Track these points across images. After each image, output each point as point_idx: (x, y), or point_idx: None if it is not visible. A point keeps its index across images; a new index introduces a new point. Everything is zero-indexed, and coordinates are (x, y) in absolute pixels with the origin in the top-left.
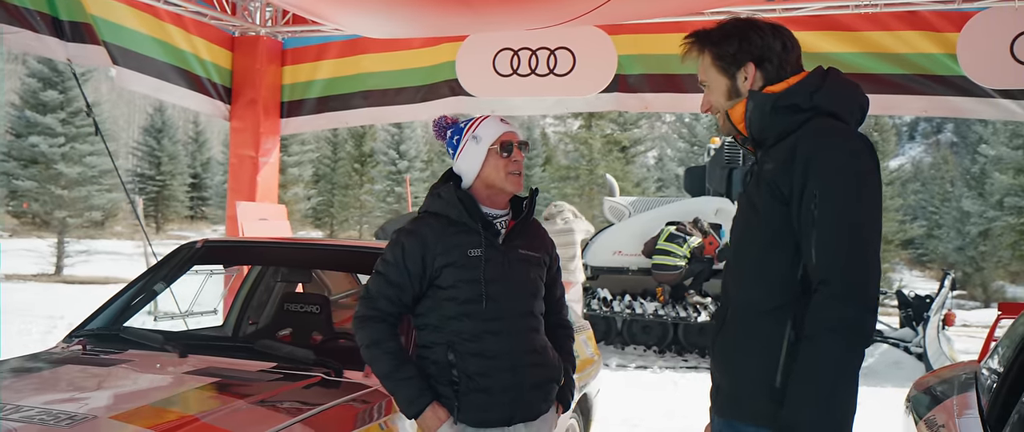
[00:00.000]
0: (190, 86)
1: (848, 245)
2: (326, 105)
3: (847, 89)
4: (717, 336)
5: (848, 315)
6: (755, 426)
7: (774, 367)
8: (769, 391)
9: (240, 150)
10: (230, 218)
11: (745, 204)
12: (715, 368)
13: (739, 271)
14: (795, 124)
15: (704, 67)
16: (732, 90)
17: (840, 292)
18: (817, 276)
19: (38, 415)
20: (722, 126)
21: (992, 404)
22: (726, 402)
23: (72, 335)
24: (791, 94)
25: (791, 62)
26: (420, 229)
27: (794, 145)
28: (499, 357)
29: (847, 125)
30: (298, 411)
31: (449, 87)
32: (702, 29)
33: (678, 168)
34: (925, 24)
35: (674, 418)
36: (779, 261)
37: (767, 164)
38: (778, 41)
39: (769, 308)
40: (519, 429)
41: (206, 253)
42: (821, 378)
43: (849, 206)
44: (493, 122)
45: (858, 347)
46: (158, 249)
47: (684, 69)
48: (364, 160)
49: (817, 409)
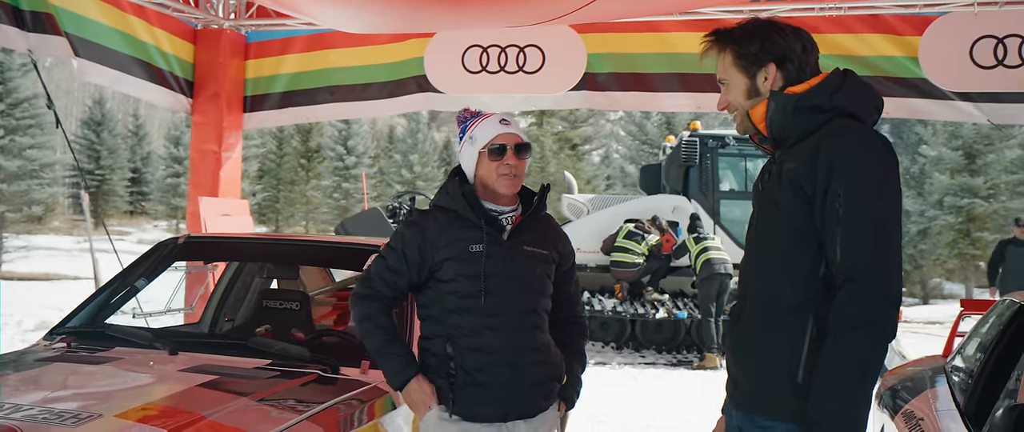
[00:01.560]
0: (151, 79)
1: (873, 243)
2: (291, 100)
3: (864, 90)
4: (734, 331)
5: (874, 312)
6: (776, 421)
7: (796, 363)
8: (791, 386)
9: (202, 145)
10: (192, 214)
11: (765, 202)
12: (732, 363)
13: (760, 267)
14: (816, 124)
15: (724, 66)
16: (752, 89)
17: (866, 289)
18: (842, 274)
19: (41, 414)
20: (739, 124)
21: (969, 399)
22: (744, 397)
23: (54, 332)
24: (813, 95)
25: (810, 64)
26: (425, 221)
27: (817, 145)
28: (497, 353)
29: (866, 125)
30: (303, 408)
31: (417, 83)
32: (723, 28)
33: (629, 166)
34: (888, 28)
35: (639, 414)
36: (801, 258)
37: (788, 163)
38: (798, 43)
39: (792, 304)
40: (518, 426)
41: (187, 249)
42: (847, 373)
43: (873, 205)
44: (491, 123)
45: (883, 343)
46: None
47: (652, 68)
48: (311, 155)
49: (843, 404)
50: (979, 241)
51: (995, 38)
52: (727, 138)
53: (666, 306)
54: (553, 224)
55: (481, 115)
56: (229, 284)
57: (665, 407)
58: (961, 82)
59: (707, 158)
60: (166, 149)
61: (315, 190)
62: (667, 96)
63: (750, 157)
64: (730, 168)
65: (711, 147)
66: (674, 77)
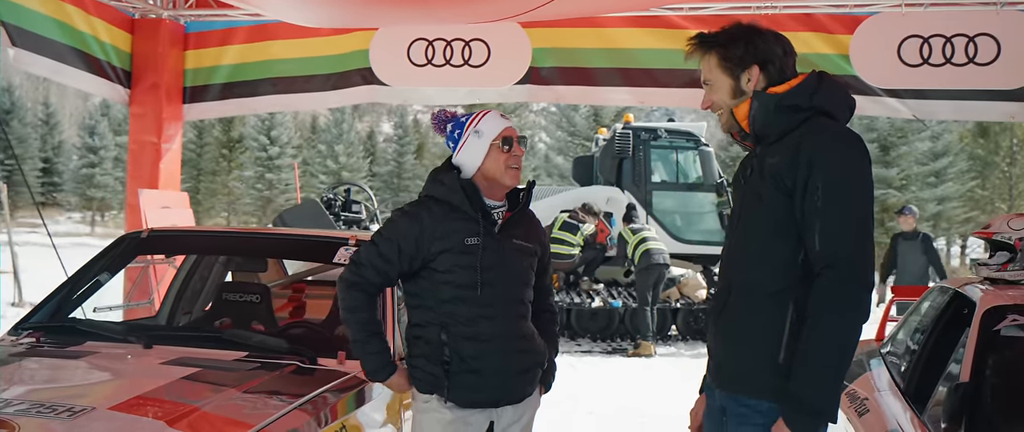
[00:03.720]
0: (89, 69)
1: (848, 233)
2: (232, 91)
3: (839, 91)
4: (719, 317)
5: (850, 296)
6: (759, 399)
7: (777, 345)
8: (773, 367)
9: (141, 136)
10: (131, 206)
11: (748, 195)
12: (717, 346)
13: (743, 256)
14: (795, 122)
15: (709, 67)
16: (736, 90)
17: (843, 276)
18: (821, 261)
19: (33, 408)
20: (724, 123)
21: (909, 380)
22: (729, 378)
23: (20, 327)
24: (793, 95)
25: (789, 66)
26: (420, 212)
27: (798, 142)
28: (491, 341)
29: (841, 123)
30: (291, 398)
31: (362, 75)
32: (708, 32)
33: (557, 157)
34: (820, 26)
35: (578, 400)
36: (782, 247)
37: (770, 158)
38: (779, 46)
39: (773, 291)
40: (506, 411)
41: (150, 243)
42: (826, 354)
43: (848, 198)
44: (494, 118)
45: (858, 325)
46: (16, 237)
47: (594, 62)
48: (232, 146)
49: (822, 382)
50: (892, 230)
51: (921, 37)
52: (659, 131)
53: (601, 295)
54: (535, 219)
55: (476, 112)
56: (186, 278)
57: (603, 394)
58: (889, 79)
59: (640, 150)
60: (81, 138)
61: (237, 181)
62: (609, 90)
63: (681, 149)
64: (661, 160)
65: (644, 139)
66: (616, 72)
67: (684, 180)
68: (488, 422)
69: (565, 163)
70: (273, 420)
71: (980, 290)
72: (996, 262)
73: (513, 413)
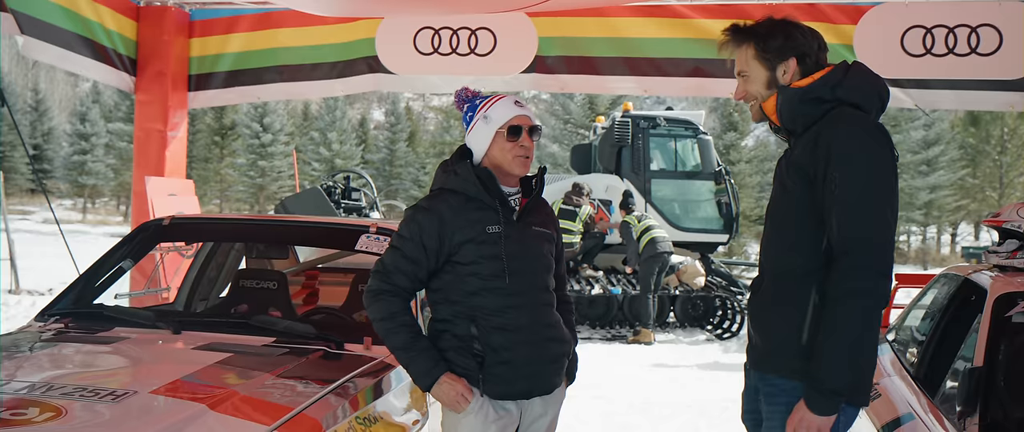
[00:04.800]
0: (96, 57)
1: (864, 220)
2: (237, 79)
3: (867, 81)
4: (754, 299)
5: (869, 281)
6: (783, 378)
7: (801, 327)
8: (797, 348)
9: (147, 124)
10: (138, 193)
11: (779, 186)
12: (752, 328)
13: (774, 243)
14: (820, 114)
15: (745, 58)
16: (771, 81)
17: (859, 261)
18: (841, 247)
19: (77, 392)
20: (755, 114)
21: (919, 365)
22: (760, 357)
23: (46, 313)
24: (814, 88)
25: (823, 60)
26: (437, 206)
27: (817, 133)
28: (521, 331)
29: (866, 114)
30: (324, 382)
31: (367, 64)
32: (745, 24)
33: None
34: (823, 16)
35: (581, 387)
36: (808, 235)
37: (796, 150)
38: (815, 41)
39: (800, 275)
40: (535, 403)
41: (172, 230)
42: (847, 335)
43: (863, 186)
44: (506, 104)
45: (877, 308)
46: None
47: (600, 51)
48: (225, 133)
49: (843, 362)
50: None
51: (924, 28)
52: (658, 119)
53: (601, 282)
54: (548, 205)
55: (492, 95)
56: (203, 265)
57: (607, 380)
58: (892, 69)
59: (639, 138)
60: (71, 125)
61: (230, 168)
62: (614, 79)
63: (679, 137)
64: (660, 148)
65: (643, 128)
66: (620, 61)
67: (682, 168)
68: (520, 413)
69: (560, 151)
70: (310, 403)
71: (989, 277)
72: (1006, 250)
73: (541, 406)
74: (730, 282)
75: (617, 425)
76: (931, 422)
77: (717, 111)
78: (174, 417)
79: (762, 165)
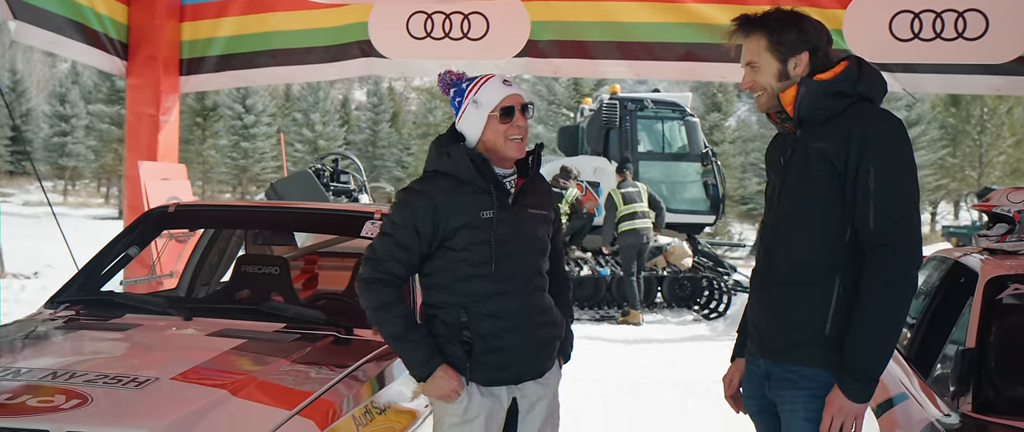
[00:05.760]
0: (87, 41)
1: (901, 212)
2: (229, 63)
3: (876, 76)
4: (765, 291)
5: (906, 271)
6: (808, 367)
7: (825, 317)
8: (821, 338)
9: (139, 108)
10: (131, 178)
11: (796, 176)
12: (763, 318)
13: (792, 235)
14: (841, 107)
15: (756, 49)
16: (783, 73)
17: (900, 254)
18: (877, 240)
19: (99, 379)
20: (763, 103)
21: (911, 345)
22: (776, 348)
23: (56, 301)
24: (839, 82)
25: (830, 54)
26: (429, 190)
27: (848, 127)
28: (511, 317)
29: (883, 108)
30: (339, 368)
31: (360, 48)
32: (755, 14)
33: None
34: (813, 1)
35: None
36: (833, 226)
37: (816, 142)
38: (824, 35)
39: (824, 266)
40: (529, 386)
41: (177, 217)
42: (885, 325)
43: (899, 179)
44: (495, 85)
45: (911, 297)
46: None
47: (592, 36)
48: (206, 114)
49: (881, 351)
50: None
51: (912, 12)
52: (646, 101)
53: (589, 263)
54: (545, 182)
55: (478, 77)
56: (205, 252)
57: (596, 360)
58: (881, 53)
59: (627, 120)
60: (51, 107)
61: (212, 149)
62: (606, 63)
63: (667, 120)
64: (647, 130)
65: (631, 109)
66: (613, 45)
67: (670, 150)
68: (511, 398)
69: (546, 133)
70: (327, 389)
71: (980, 260)
72: (995, 233)
73: (537, 389)
74: (717, 263)
75: (607, 405)
76: (924, 401)
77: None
78: (197, 403)
79: (745, 145)
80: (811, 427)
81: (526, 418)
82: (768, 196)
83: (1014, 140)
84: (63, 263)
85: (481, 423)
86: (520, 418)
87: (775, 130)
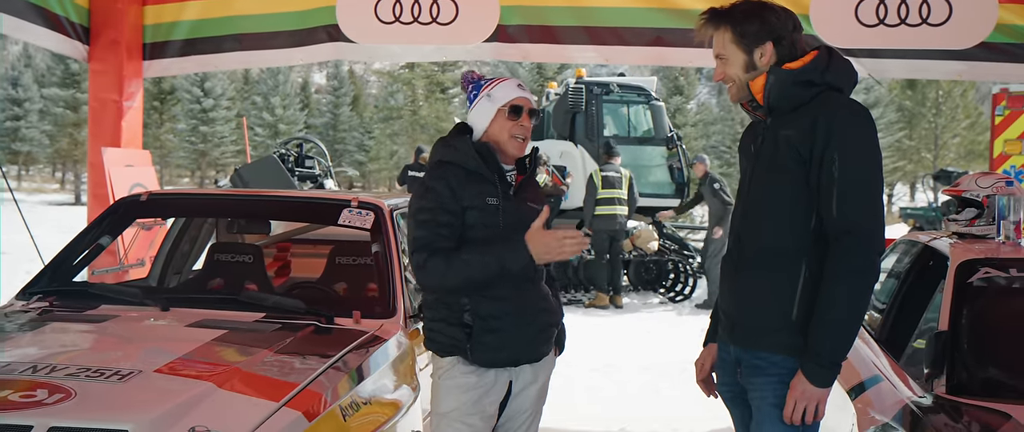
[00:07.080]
0: (48, 25)
1: (864, 201)
2: (194, 48)
3: (846, 66)
4: (734, 278)
5: (868, 259)
6: (773, 353)
7: (791, 303)
8: (787, 324)
9: (101, 94)
10: (93, 165)
11: (765, 164)
12: (732, 304)
13: (759, 222)
14: (809, 96)
15: (723, 42)
16: (749, 64)
17: (862, 241)
18: (841, 227)
19: (81, 372)
20: (735, 94)
21: (882, 328)
22: (745, 334)
23: (28, 292)
24: (807, 71)
25: (799, 41)
26: (443, 174)
27: (814, 116)
28: (511, 301)
29: (850, 98)
30: (322, 358)
31: (327, 32)
32: (721, 8)
33: None
34: None
35: None
36: (799, 213)
37: (784, 130)
38: (790, 22)
39: (789, 253)
40: (524, 370)
41: (148, 206)
42: (848, 312)
43: (863, 167)
44: (509, 86)
45: (873, 284)
46: None
47: (560, 20)
48: (164, 97)
49: (843, 337)
50: None
51: None
52: (611, 85)
53: None
54: (538, 185)
55: (496, 78)
56: (176, 240)
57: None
58: (847, 39)
59: (593, 104)
60: (3, 91)
61: (170, 133)
62: (575, 49)
63: (632, 104)
64: (613, 114)
65: (596, 94)
66: (582, 30)
67: (635, 134)
68: (508, 381)
69: None
70: (312, 379)
71: (950, 244)
72: (964, 218)
73: (531, 373)
74: (682, 246)
75: (581, 388)
76: (898, 383)
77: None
78: (183, 395)
79: (707, 128)
80: (780, 413)
81: (514, 401)
82: (740, 184)
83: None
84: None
85: (475, 397)
86: (508, 401)
87: (736, 114)
